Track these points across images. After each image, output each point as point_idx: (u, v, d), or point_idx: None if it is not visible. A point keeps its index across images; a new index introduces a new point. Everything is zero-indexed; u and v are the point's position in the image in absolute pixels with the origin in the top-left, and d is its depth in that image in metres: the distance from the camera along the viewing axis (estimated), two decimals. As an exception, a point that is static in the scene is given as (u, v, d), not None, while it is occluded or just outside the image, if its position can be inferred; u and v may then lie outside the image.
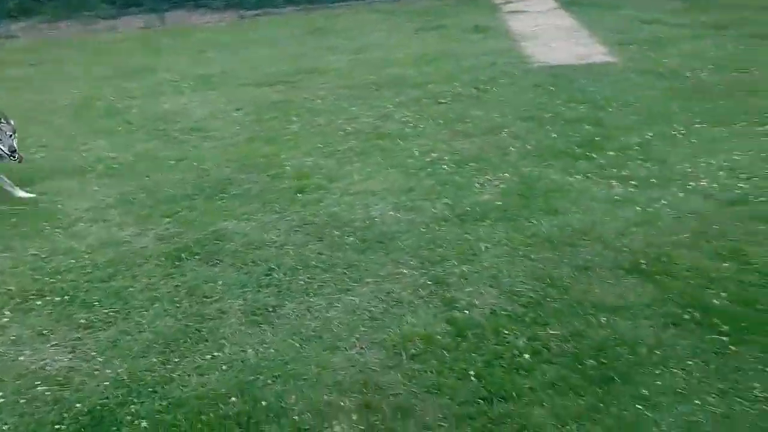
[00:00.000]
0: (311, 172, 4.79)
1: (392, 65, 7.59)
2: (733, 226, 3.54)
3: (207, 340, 3.01)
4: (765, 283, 3.03)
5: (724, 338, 2.68)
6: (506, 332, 2.89)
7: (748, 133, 4.72)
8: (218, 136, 5.72)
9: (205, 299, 3.32)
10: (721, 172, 4.19)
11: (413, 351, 2.82)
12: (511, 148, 4.95)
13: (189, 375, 2.79)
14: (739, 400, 2.37)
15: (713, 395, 2.40)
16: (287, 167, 4.89)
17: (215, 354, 2.91)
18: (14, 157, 4.49)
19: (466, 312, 3.06)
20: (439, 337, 2.90)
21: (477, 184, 4.39)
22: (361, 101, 6.38)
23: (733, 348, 2.63)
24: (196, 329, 3.09)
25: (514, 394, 2.52)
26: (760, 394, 2.38)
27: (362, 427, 2.44)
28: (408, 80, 6.92)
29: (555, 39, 8.36)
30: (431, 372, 2.69)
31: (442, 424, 2.42)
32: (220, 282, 3.45)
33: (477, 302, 3.12)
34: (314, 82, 7.18)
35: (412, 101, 6.25)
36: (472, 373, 2.65)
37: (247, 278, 3.46)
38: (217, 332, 3.05)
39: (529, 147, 4.93)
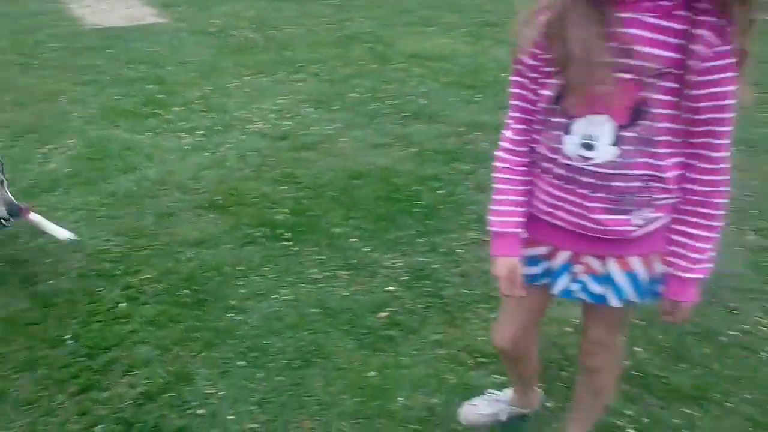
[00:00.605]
0: None
1: None
2: (285, 156, 4.21)
3: None
4: (311, 195, 3.75)
5: (288, 243, 3.27)
6: (99, 290, 2.89)
7: (287, 81, 5.56)
8: None
9: None
10: (271, 115, 4.86)
11: (-7, 338, 2.58)
12: (73, 113, 4.71)
13: None
14: (303, 285, 2.96)
15: (285, 288, 2.94)
16: None
17: None
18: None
19: (51, 282, 2.92)
20: (22, 315, 2.72)
21: (40, 155, 4.08)
22: None
23: (295, 248, 3.23)
24: None
25: (115, 342, 2.59)
26: (316, 277, 3.02)
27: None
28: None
29: (102, 1, 8.05)
30: (20, 351, 2.53)
31: (42, 393, 2.34)
32: None
33: (61, 271, 3.01)
34: None
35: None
36: (67, 336, 2.60)
37: None
38: None
39: (92, 111, 4.78)
